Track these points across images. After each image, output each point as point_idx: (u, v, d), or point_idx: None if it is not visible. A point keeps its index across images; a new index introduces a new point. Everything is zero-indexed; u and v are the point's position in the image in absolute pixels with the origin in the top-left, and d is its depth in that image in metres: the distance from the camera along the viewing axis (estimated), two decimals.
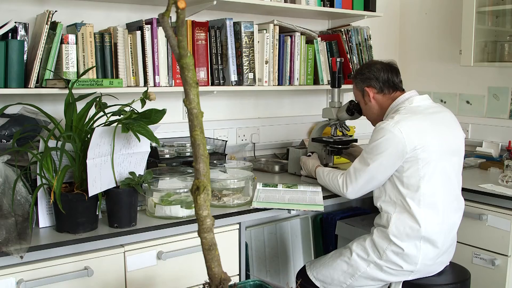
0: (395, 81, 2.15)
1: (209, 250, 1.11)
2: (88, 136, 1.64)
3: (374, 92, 2.15)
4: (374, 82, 2.14)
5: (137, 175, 1.72)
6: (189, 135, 2.68)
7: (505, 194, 2.25)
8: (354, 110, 2.27)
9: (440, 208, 1.98)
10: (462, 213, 2.10)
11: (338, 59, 2.38)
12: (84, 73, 1.85)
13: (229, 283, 1.16)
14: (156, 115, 1.59)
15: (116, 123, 1.61)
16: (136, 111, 1.62)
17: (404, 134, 1.92)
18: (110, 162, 1.65)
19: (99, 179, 1.62)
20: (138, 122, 1.59)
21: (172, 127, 2.50)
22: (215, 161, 2.31)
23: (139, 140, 1.55)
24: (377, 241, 2.01)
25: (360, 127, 3.02)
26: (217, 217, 1.88)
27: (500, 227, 2.26)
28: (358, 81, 2.19)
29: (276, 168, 2.58)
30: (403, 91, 2.15)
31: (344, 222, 2.81)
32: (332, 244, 2.91)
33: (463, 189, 2.32)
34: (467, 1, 2.76)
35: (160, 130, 2.44)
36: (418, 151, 1.93)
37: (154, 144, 1.81)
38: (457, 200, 2.09)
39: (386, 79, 2.14)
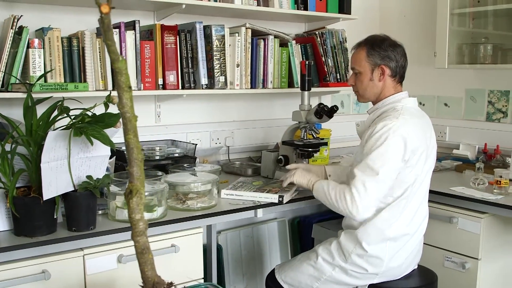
0: (404, 73, 2.08)
1: (142, 254, 1.12)
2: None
3: (388, 74, 2.03)
4: (393, 64, 2.02)
5: (95, 179, 1.72)
6: (162, 139, 2.68)
7: (474, 197, 2.24)
8: (323, 113, 2.26)
9: (413, 212, 1.98)
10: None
11: (307, 62, 2.38)
12: (41, 77, 1.86)
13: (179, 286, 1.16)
14: (110, 119, 1.59)
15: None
16: (88, 115, 1.62)
17: (408, 137, 1.88)
18: (67, 165, 1.66)
19: (55, 182, 1.63)
20: (93, 126, 1.59)
21: (144, 130, 2.50)
22: (185, 165, 2.32)
23: (92, 143, 1.55)
24: (344, 243, 2.00)
25: (336, 130, 3.01)
26: (178, 220, 1.89)
27: (470, 230, 2.25)
28: (375, 55, 2.02)
29: (249, 171, 2.58)
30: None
31: (320, 226, 2.81)
32: (309, 247, 2.90)
33: (434, 192, 2.33)
34: (441, 3, 2.76)
35: None
36: (416, 156, 1.92)
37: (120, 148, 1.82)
38: (426, 205, 2.09)
39: (402, 67, 2.05)
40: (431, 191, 2.19)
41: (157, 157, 2.32)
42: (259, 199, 2.09)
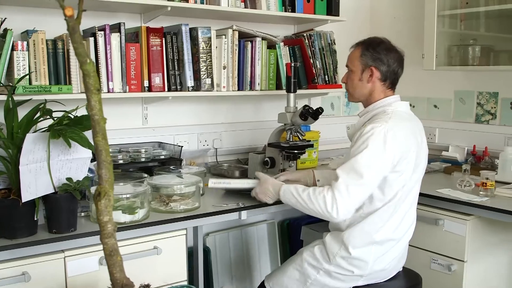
0: (397, 80, 2.06)
1: (110, 256, 1.12)
2: None
3: (377, 76, 2.00)
4: (384, 68, 1.99)
5: (75, 181, 1.72)
6: (149, 141, 2.68)
7: (460, 199, 2.23)
8: (308, 115, 2.26)
9: (401, 217, 1.97)
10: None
11: (293, 64, 2.38)
12: (21, 79, 1.87)
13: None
14: (88, 121, 1.58)
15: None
16: (70, 117, 1.63)
17: (397, 141, 1.86)
18: (47, 168, 1.66)
19: (34, 185, 1.63)
20: (72, 128, 1.60)
21: (131, 132, 2.51)
22: (171, 167, 2.32)
23: (70, 145, 1.56)
24: (329, 245, 1.99)
25: (326, 132, 3.01)
26: (160, 222, 1.89)
27: (456, 232, 2.25)
28: (367, 55, 2.01)
29: (237, 173, 2.58)
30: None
31: (309, 228, 2.81)
32: (299, 249, 2.90)
33: (420, 194, 2.31)
34: (428, 5, 2.76)
35: (122, 135, 2.46)
36: (404, 160, 1.90)
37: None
38: (415, 211, 2.07)
39: (394, 72, 2.02)
40: None
41: (143, 159, 2.32)
42: (247, 185, 2.11)
